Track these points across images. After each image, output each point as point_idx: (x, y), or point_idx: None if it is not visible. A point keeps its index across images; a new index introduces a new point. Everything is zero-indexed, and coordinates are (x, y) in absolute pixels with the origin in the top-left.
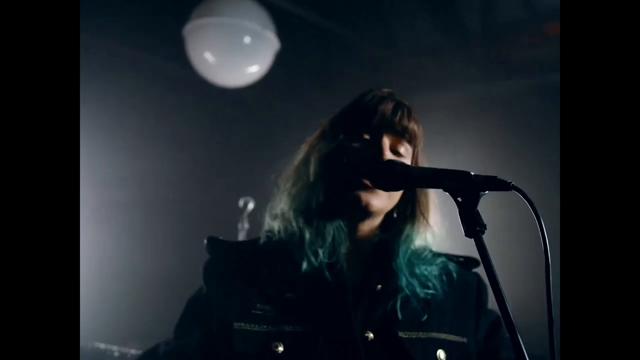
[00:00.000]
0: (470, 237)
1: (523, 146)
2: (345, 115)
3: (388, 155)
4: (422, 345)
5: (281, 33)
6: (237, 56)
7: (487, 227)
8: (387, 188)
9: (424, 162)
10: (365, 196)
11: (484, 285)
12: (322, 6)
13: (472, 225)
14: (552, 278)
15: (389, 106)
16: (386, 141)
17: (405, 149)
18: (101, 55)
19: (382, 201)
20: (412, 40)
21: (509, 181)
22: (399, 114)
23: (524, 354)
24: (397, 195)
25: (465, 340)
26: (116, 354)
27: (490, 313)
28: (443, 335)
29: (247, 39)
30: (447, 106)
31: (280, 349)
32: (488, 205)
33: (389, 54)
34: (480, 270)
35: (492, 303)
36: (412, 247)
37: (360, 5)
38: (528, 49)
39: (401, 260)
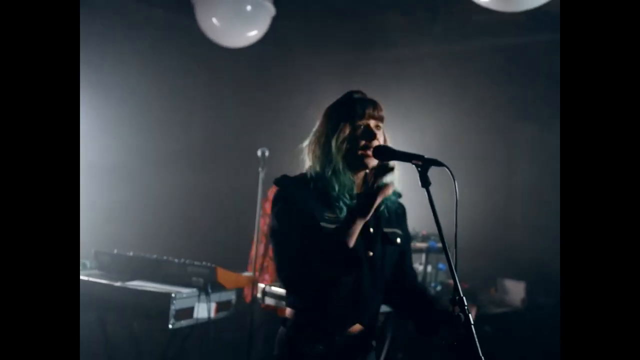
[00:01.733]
0: (423, 188)
1: (476, 102)
2: (346, 111)
3: (378, 133)
4: (393, 234)
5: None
6: (239, 22)
7: (432, 184)
8: (383, 159)
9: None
10: (368, 161)
11: (404, 208)
12: None
13: (425, 181)
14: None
15: (371, 107)
16: (372, 125)
17: (380, 128)
18: (117, 10)
19: (375, 161)
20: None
21: (443, 163)
22: (377, 110)
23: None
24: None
25: (400, 231)
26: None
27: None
28: (398, 230)
29: (248, 7)
30: (411, 61)
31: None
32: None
33: (358, 7)
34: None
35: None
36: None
37: None
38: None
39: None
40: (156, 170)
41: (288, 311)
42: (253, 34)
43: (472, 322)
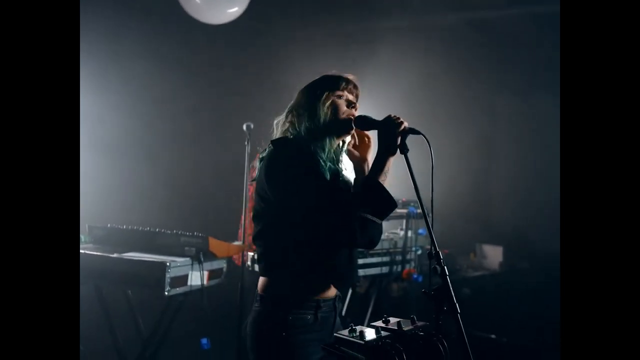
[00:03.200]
0: (402, 155)
1: (458, 75)
2: (331, 83)
3: (356, 105)
4: None
5: None
6: None
7: (413, 152)
8: (362, 129)
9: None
10: (350, 130)
11: None
12: None
13: (403, 148)
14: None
15: (351, 84)
16: (351, 97)
17: (356, 101)
18: None
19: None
20: None
21: (420, 131)
22: (357, 88)
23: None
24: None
25: None
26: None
27: None
28: None
29: None
30: (391, 33)
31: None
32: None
33: None
34: None
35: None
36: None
37: None
38: None
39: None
40: (147, 148)
41: (261, 283)
42: (233, 11)
43: (447, 273)
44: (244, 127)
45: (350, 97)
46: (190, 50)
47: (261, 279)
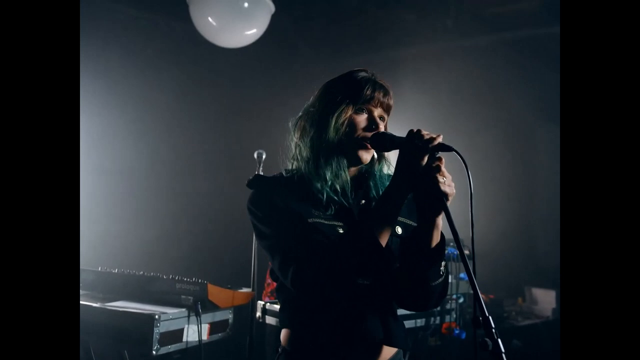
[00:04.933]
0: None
1: (495, 99)
2: (352, 90)
3: (381, 124)
4: (404, 225)
5: None
6: (237, 20)
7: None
8: (380, 150)
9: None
10: (363, 154)
11: None
12: None
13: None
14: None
15: (381, 92)
16: (376, 114)
17: (385, 117)
18: (117, 19)
19: (370, 155)
20: None
21: (451, 146)
22: (387, 97)
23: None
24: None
25: (415, 224)
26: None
27: None
28: (401, 218)
29: (245, 4)
30: (422, 58)
31: (341, 230)
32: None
33: (368, 5)
34: None
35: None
36: (381, 173)
37: None
38: (502, 4)
39: (372, 182)
40: (149, 179)
41: (284, 335)
42: (252, 33)
43: (503, 349)
44: (255, 155)
45: (376, 111)
46: (201, 75)
47: (283, 332)
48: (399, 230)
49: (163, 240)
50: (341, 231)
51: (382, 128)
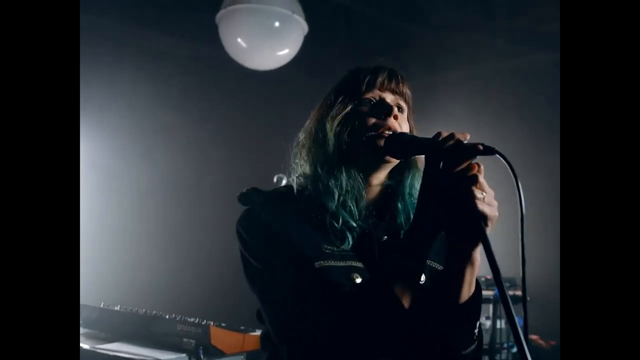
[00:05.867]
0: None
1: (553, 119)
2: (348, 84)
3: (395, 110)
4: (430, 270)
5: (309, 16)
6: (267, 40)
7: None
8: (398, 156)
9: (412, 120)
10: (381, 147)
11: None
12: None
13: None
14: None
15: (385, 74)
16: (388, 99)
17: (403, 106)
18: (135, 43)
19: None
20: (439, 14)
21: (492, 146)
22: (394, 78)
23: (509, 305)
24: None
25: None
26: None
27: None
28: (428, 262)
29: (277, 24)
30: (474, 79)
31: (359, 279)
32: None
33: (415, 29)
34: None
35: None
36: (412, 190)
37: None
38: (555, 21)
39: (400, 203)
40: (158, 205)
41: None
42: (284, 54)
43: None
44: (275, 179)
45: (388, 96)
46: (228, 98)
47: None
48: (422, 278)
49: (174, 273)
50: (358, 280)
51: (402, 121)
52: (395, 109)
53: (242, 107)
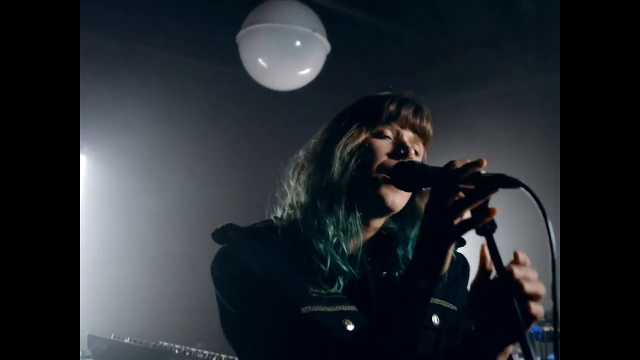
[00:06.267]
0: (481, 235)
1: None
2: (367, 109)
3: (412, 153)
4: (442, 310)
5: (332, 34)
6: (289, 60)
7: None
8: (408, 188)
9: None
10: (389, 194)
11: (468, 264)
12: (372, 5)
13: (484, 222)
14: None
15: (411, 108)
16: (407, 139)
17: (419, 148)
18: (154, 64)
19: (404, 200)
20: (467, 30)
21: (515, 178)
22: (419, 116)
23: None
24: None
25: (455, 307)
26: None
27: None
28: (437, 301)
29: (297, 43)
30: (503, 96)
31: (351, 327)
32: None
33: (443, 45)
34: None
35: None
36: (410, 237)
37: (411, 2)
38: None
39: (401, 249)
40: (170, 233)
41: None
42: (305, 73)
43: None
44: None
45: (406, 134)
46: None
47: None
48: (436, 319)
49: (188, 302)
50: (350, 327)
51: (414, 159)
52: (412, 152)
53: (260, 131)
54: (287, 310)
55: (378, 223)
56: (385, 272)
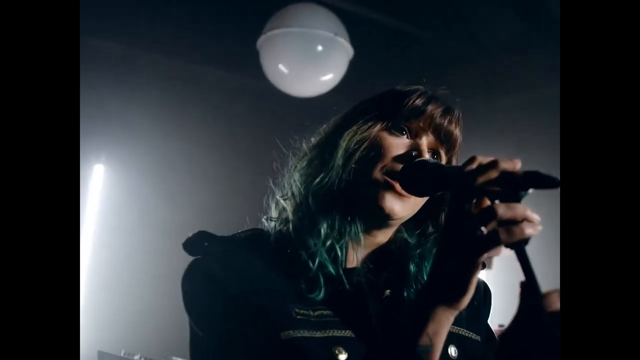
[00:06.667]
0: (510, 248)
1: None
2: (389, 99)
3: (426, 157)
4: (461, 339)
5: (355, 39)
6: (310, 66)
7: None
8: (418, 192)
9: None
10: (389, 199)
11: (489, 290)
12: (396, 9)
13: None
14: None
15: (440, 107)
16: (425, 141)
17: (440, 154)
18: (173, 75)
19: (407, 208)
20: (493, 35)
21: (554, 176)
22: (448, 117)
23: None
24: (422, 202)
25: (478, 338)
26: None
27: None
28: (455, 329)
29: (319, 47)
30: (529, 104)
31: (343, 356)
32: None
33: (469, 51)
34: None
35: None
36: (429, 252)
37: (436, 4)
38: None
39: (413, 264)
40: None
41: None
42: (328, 79)
43: None
44: None
45: (426, 137)
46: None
47: None
48: (453, 352)
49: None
50: (343, 356)
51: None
52: (427, 156)
53: (280, 140)
54: (265, 336)
55: (382, 232)
56: (389, 291)
